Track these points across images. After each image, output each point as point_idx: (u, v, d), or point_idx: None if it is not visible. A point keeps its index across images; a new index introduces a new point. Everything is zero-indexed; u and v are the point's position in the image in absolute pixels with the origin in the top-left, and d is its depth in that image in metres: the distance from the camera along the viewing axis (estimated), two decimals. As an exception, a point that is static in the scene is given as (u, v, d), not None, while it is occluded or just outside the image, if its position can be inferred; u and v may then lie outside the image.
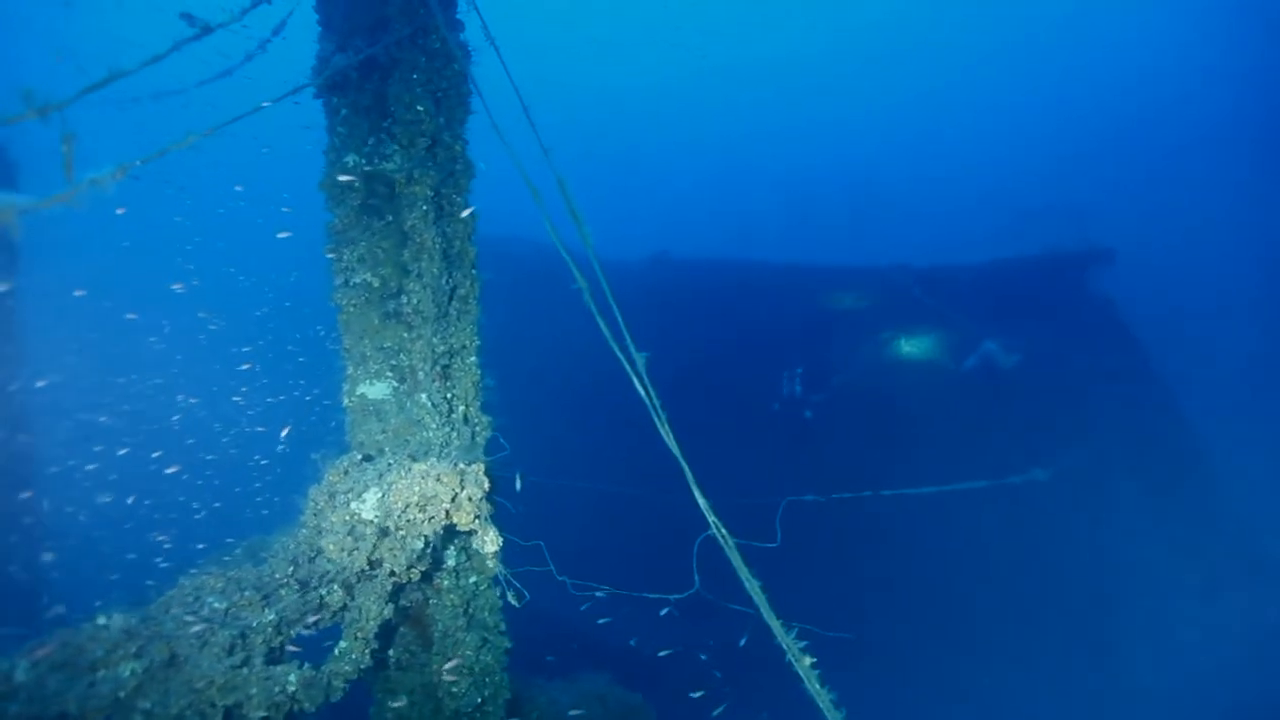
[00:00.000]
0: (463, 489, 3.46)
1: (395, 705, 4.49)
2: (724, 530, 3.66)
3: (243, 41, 5.47)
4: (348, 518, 3.70)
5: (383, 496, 3.64)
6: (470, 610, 4.62)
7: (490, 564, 4.27)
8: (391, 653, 4.67)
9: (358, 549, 3.64)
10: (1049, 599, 11.20)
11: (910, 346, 12.60)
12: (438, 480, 3.42)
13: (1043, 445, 11.38)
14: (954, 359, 12.44)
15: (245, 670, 3.48)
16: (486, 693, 4.58)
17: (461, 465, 3.51)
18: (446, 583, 4.55)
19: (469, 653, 4.58)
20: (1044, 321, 13.19)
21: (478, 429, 4.78)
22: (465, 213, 4.21)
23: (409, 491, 3.45)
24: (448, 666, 4.03)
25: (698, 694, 7.03)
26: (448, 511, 3.48)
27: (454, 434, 4.61)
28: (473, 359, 4.73)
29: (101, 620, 3.39)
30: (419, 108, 4.37)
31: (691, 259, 15.44)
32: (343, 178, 4.04)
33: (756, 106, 57.91)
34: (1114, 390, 12.48)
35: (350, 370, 4.68)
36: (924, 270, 13.61)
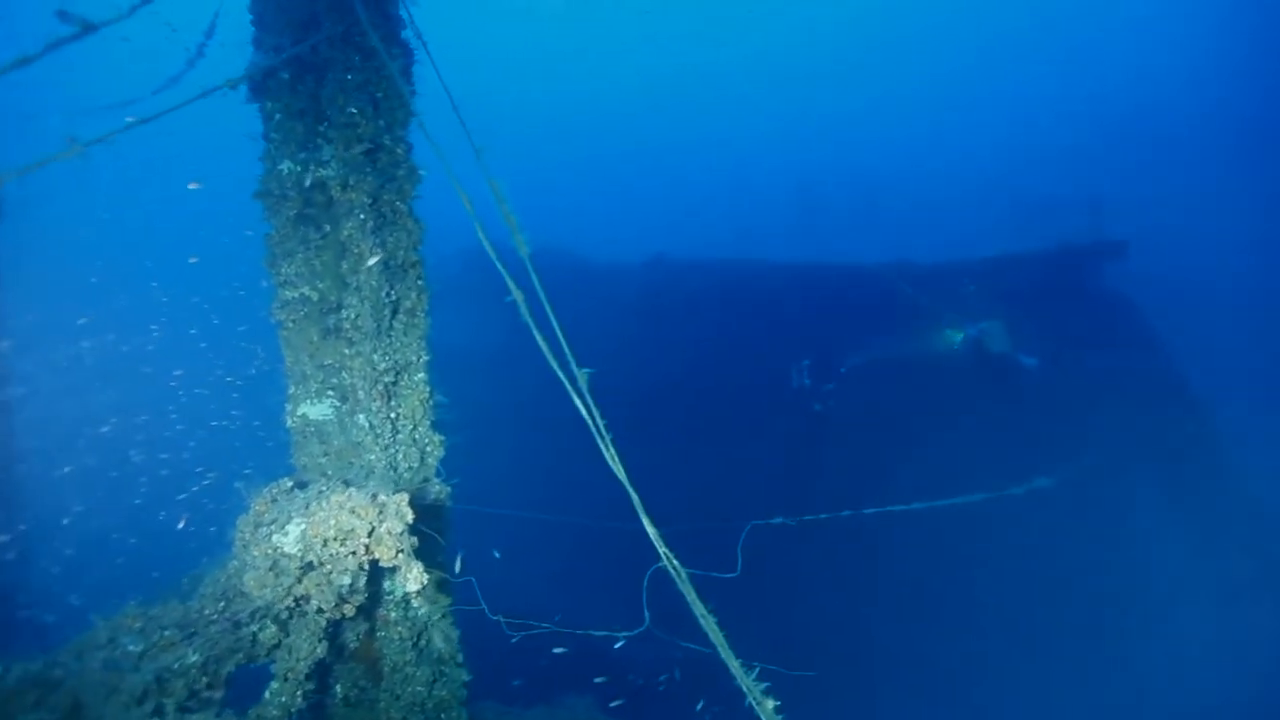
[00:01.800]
0: (382, 522, 3.18)
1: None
2: (675, 562, 3.36)
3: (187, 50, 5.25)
4: (270, 551, 3.43)
5: (305, 529, 3.37)
6: (421, 643, 4.34)
7: (415, 603, 3.98)
8: (339, 689, 4.40)
9: (279, 585, 3.37)
10: (1058, 612, 10.73)
11: (901, 344, 12.21)
12: (352, 513, 3.14)
13: (1050, 450, 10.91)
14: (943, 354, 12.01)
15: (156, 720, 3.22)
16: (441, 731, 4.30)
17: (382, 496, 3.23)
18: (394, 614, 4.27)
19: (420, 688, 4.30)
20: (1054, 318, 12.72)
21: (428, 449, 4.50)
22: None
23: (324, 525, 3.17)
24: None
25: None
26: (367, 546, 3.20)
27: (399, 455, 4.34)
28: (421, 375, 4.46)
29: (-2, 669, 3.14)
30: (353, 110, 4.10)
31: (688, 260, 15.18)
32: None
33: (756, 104, 57.23)
34: (1128, 391, 11.97)
35: (291, 389, 4.43)
36: (923, 267, 13.18)
